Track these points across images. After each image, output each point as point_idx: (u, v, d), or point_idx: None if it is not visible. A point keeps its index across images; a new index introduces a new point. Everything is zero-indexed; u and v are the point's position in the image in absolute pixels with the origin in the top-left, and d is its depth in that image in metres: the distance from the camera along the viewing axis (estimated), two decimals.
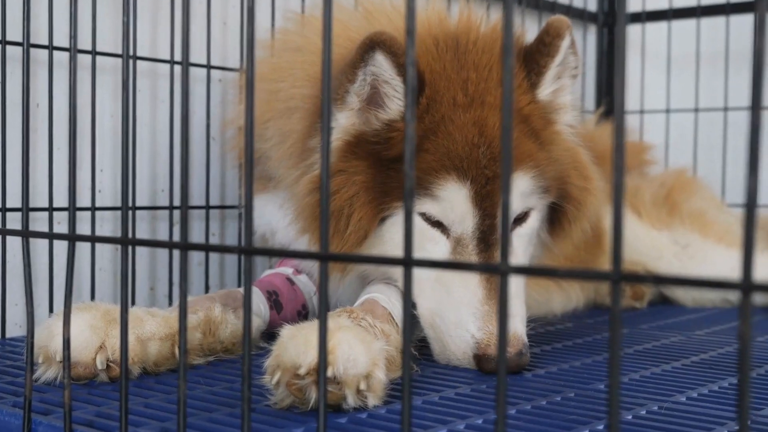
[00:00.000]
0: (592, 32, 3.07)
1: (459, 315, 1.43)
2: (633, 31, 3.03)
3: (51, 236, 1.05)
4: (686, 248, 2.21)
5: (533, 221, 1.52)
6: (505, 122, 0.73)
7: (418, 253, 1.45)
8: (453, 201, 1.42)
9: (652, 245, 2.20)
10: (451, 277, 1.44)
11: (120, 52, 1.85)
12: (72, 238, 1.02)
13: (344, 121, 1.45)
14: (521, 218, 1.50)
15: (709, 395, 1.30)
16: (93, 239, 0.99)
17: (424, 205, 1.43)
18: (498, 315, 0.73)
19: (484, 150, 1.41)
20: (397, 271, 1.48)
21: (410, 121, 0.78)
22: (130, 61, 1.83)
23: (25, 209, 1.11)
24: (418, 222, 1.46)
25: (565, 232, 1.58)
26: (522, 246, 1.51)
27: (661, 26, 2.94)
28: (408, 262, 0.78)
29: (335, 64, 1.47)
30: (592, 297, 2.17)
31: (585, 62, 2.99)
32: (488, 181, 1.42)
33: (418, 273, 1.46)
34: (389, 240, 1.46)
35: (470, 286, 1.42)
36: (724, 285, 0.63)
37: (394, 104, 1.43)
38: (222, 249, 0.92)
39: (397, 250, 1.45)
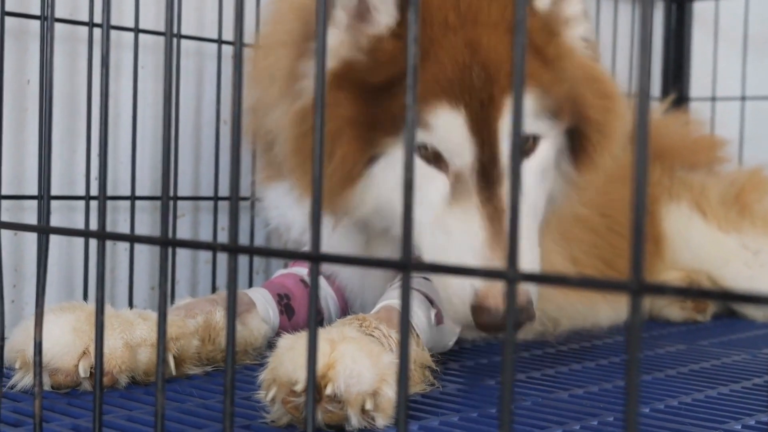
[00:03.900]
0: (659, 8, 3.02)
1: (460, 262, 1.39)
2: (705, 7, 2.97)
3: (21, 228, 1.05)
4: (758, 254, 2.17)
5: (544, 151, 1.46)
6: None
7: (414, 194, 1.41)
8: (448, 129, 1.38)
9: (718, 250, 2.16)
10: (452, 220, 1.40)
11: (121, 23, 1.85)
12: (44, 230, 1.02)
13: (332, 41, 1.41)
14: (528, 149, 1.45)
15: None
16: (64, 231, 0.99)
17: (418, 136, 1.38)
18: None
19: (477, 71, 1.37)
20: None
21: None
22: (133, 35, 1.83)
23: None
24: None
25: (590, 159, 1.51)
26: (531, 182, 1.45)
27: (737, 2, 2.89)
28: (406, 266, 0.76)
29: None
30: (647, 308, 2.13)
31: (651, 42, 2.94)
32: (484, 105, 1.37)
33: (417, 218, 1.40)
34: (382, 183, 1.42)
35: (472, 229, 1.38)
36: (760, 300, 0.60)
37: (382, 16, 1.40)
38: (202, 246, 0.91)
39: (392, 195, 1.42)
